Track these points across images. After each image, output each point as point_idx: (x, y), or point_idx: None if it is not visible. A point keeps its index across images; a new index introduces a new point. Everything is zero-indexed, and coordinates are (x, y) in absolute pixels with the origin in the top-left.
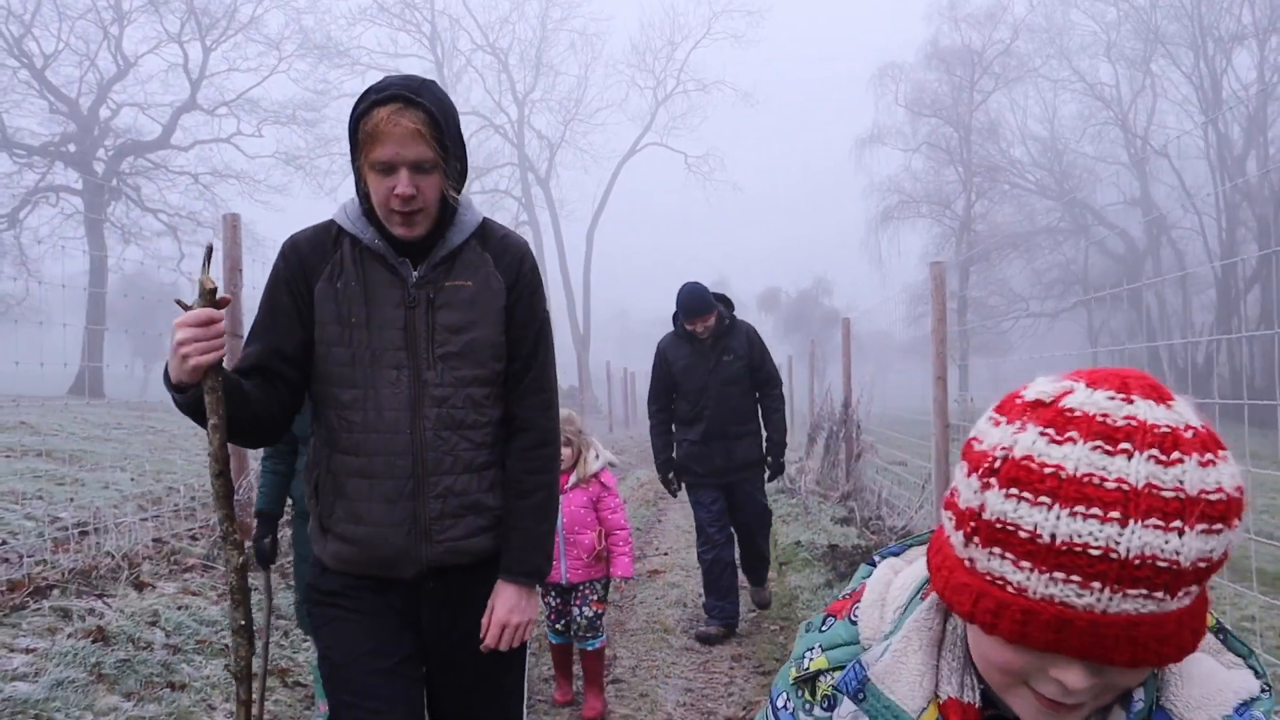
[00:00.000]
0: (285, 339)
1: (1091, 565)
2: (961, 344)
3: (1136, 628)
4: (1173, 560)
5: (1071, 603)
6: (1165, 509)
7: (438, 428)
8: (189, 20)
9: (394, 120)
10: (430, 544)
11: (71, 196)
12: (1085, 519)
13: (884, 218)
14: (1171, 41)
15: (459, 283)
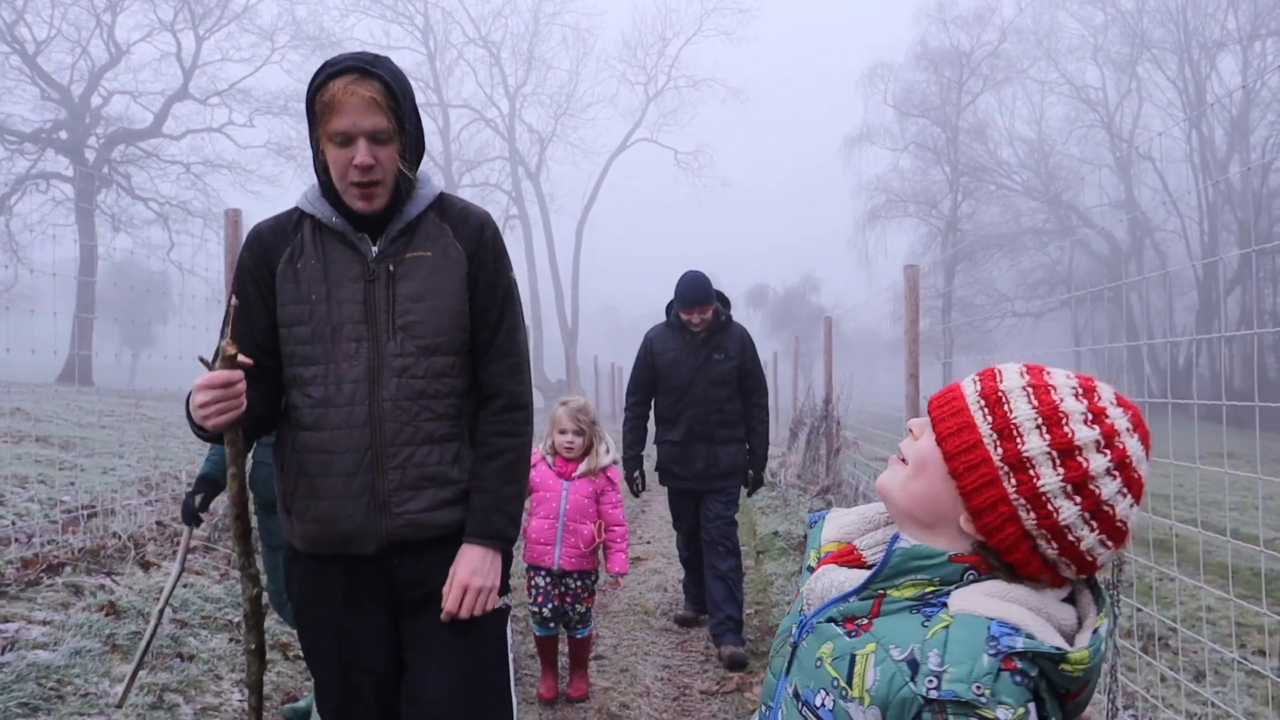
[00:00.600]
0: (256, 327)
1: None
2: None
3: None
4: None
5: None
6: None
7: (397, 398)
8: (182, 9)
9: (350, 90)
10: (389, 517)
11: (62, 184)
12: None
13: (871, 216)
14: (1157, 46)
15: (419, 254)
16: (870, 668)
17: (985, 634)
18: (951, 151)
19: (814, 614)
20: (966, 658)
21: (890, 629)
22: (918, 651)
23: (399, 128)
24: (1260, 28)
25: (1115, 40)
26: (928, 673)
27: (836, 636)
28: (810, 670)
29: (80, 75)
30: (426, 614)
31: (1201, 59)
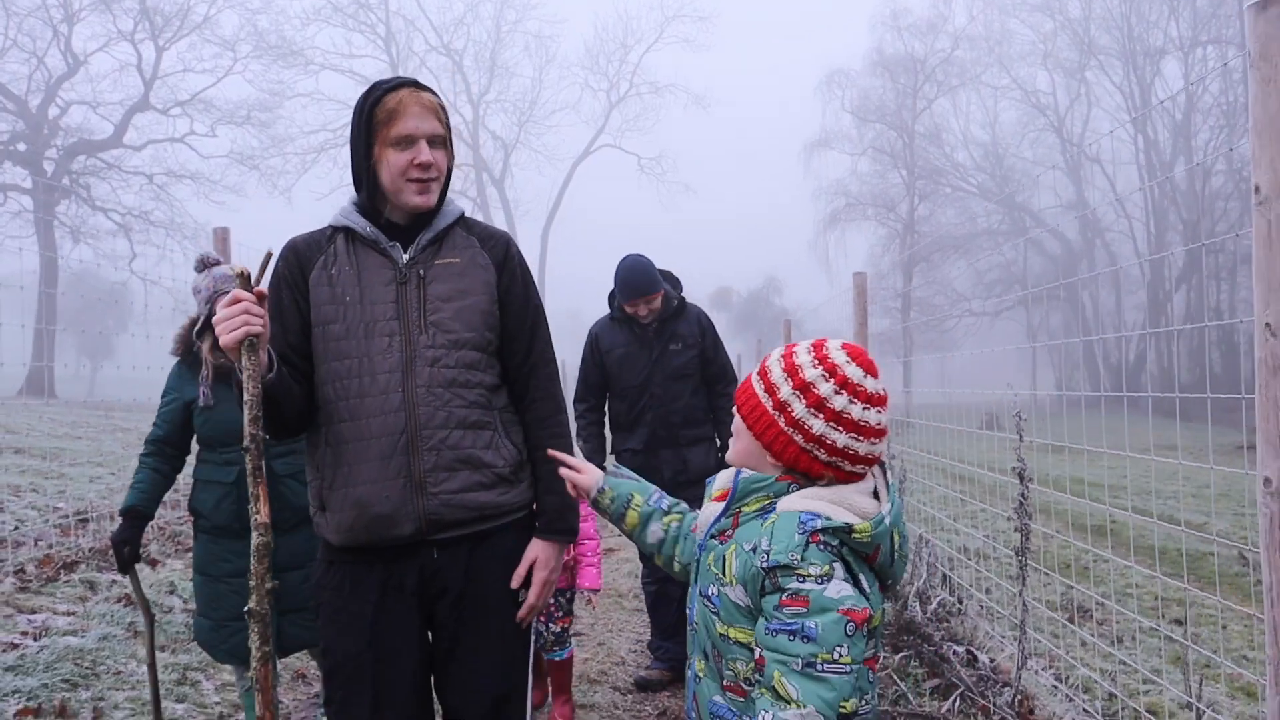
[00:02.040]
0: (289, 329)
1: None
2: (905, 341)
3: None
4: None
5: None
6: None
7: (430, 385)
8: (142, 20)
9: (413, 97)
10: (425, 496)
11: (20, 195)
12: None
13: (831, 219)
14: (1104, 52)
15: (448, 260)
16: (733, 559)
17: (796, 520)
18: (908, 155)
19: (703, 536)
20: (784, 537)
21: (744, 532)
22: (759, 541)
23: (447, 136)
24: (1201, 34)
25: (1064, 46)
26: (761, 551)
27: (715, 547)
28: (705, 573)
29: (37, 86)
30: (460, 612)
31: (1146, 65)
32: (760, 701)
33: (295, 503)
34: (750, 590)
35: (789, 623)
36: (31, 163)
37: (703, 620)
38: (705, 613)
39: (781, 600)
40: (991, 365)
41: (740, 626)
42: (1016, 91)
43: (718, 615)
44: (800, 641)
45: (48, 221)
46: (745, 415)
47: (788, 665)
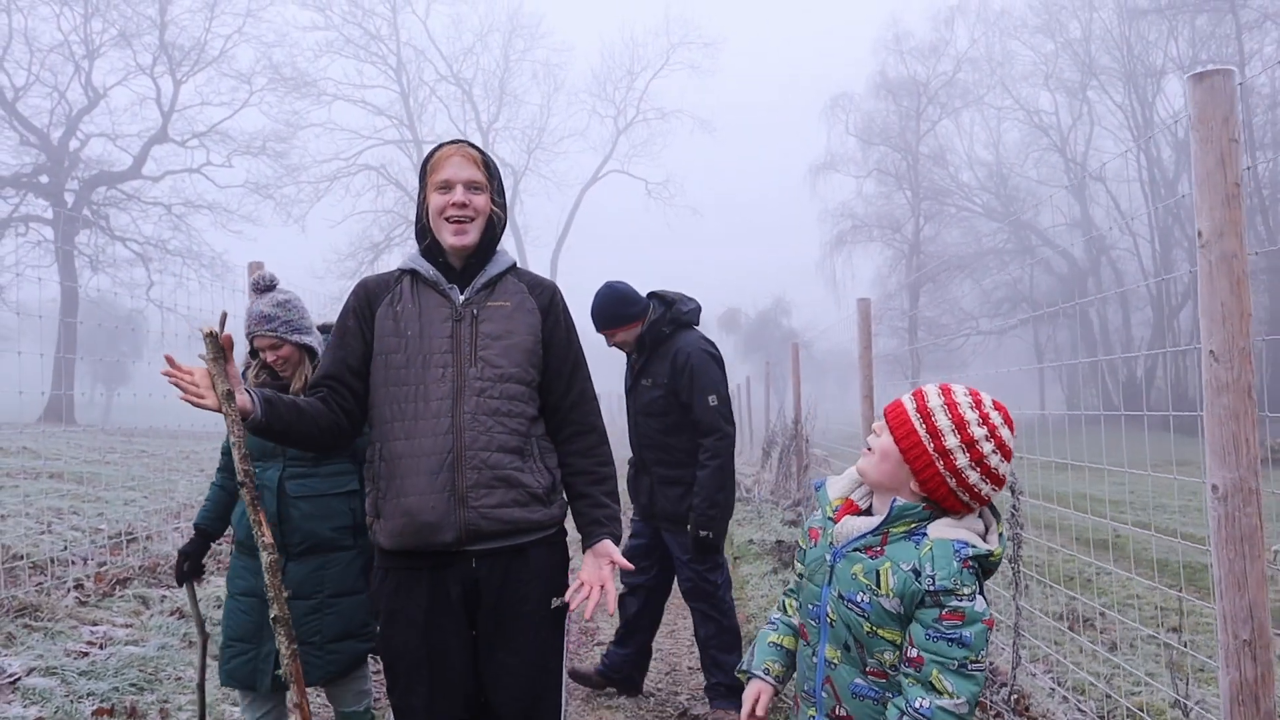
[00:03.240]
0: (351, 353)
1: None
2: (913, 362)
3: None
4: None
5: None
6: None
7: (476, 413)
8: (160, 55)
9: (455, 150)
10: (465, 509)
11: (42, 226)
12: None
13: (838, 242)
14: (1105, 72)
15: (499, 303)
16: (890, 575)
17: (951, 549)
18: (913, 177)
19: (842, 546)
20: (945, 564)
21: (896, 552)
22: (917, 564)
23: (489, 182)
24: (1200, 53)
25: (1066, 67)
26: (927, 575)
27: (862, 559)
28: (848, 581)
29: (59, 120)
30: (503, 627)
31: (1147, 84)
32: (913, 690)
33: (305, 526)
34: (906, 603)
35: (948, 632)
36: (53, 194)
37: (843, 619)
38: (849, 613)
39: (942, 615)
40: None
41: (889, 628)
42: (1019, 112)
43: (866, 618)
44: (957, 647)
45: (68, 252)
46: (903, 448)
47: (945, 665)
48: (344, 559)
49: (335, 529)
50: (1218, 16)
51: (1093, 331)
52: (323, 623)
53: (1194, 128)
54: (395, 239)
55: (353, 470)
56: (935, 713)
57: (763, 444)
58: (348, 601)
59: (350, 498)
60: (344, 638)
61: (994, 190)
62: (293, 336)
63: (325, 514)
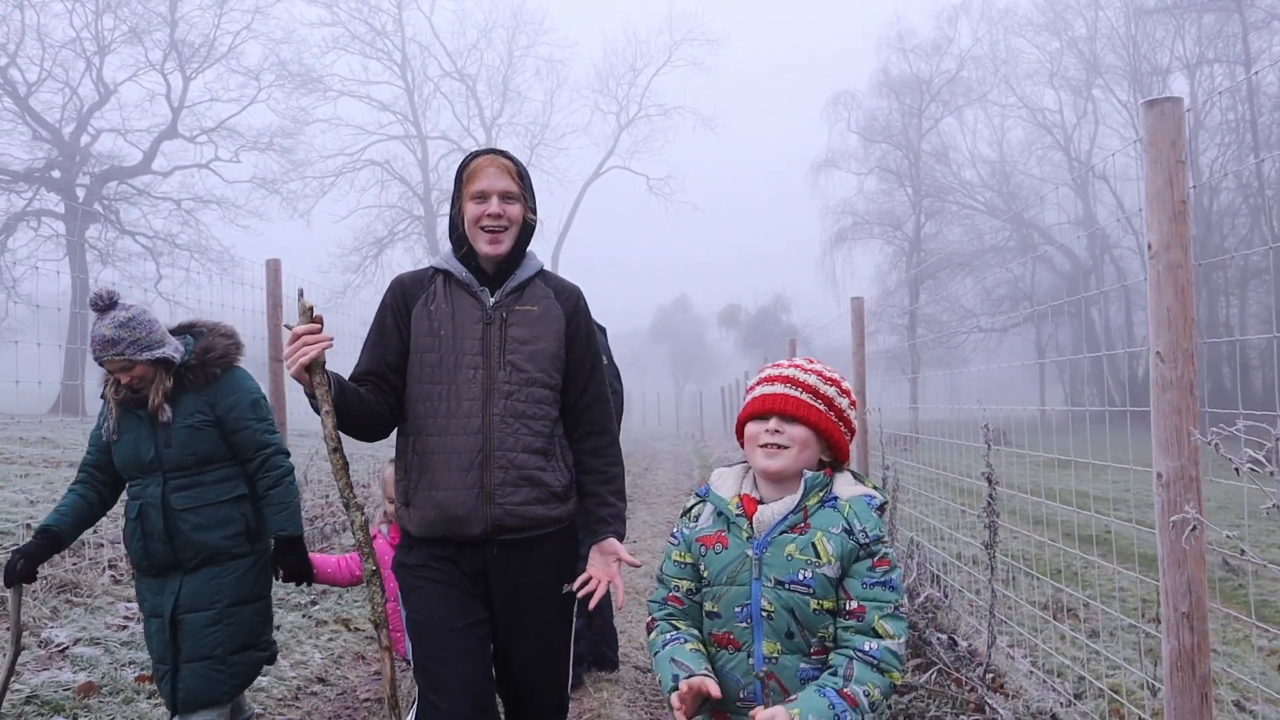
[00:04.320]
0: (389, 350)
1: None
2: (912, 358)
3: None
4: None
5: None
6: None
7: (504, 415)
8: (170, 51)
9: (490, 160)
10: (492, 505)
11: (53, 220)
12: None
13: (838, 238)
14: (1110, 70)
15: (527, 307)
16: (826, 543)
17: (866, 502)
18: (914, 174)
19: (767, 533)
20: (868, 517)
21: (821, 520)
22: (845, 524)
23: (523, 192)
24: (1207, 52)
25: (1071, 65)
26: (859, 530)
27: (792, 539)
28: (783, 564)
29: (70, 115)
30: (517, 604)
31: (1153, 82)
32: (856, 639)
33: (194, 538)
34: (845, 563)
35: (881, 578)
36: (64, 189)
37: (784, 604)
38: (790, 596)
39: (874, 562)
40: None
41: (831, 598)
42: (1023, 110)
43: (811, 594)
44: (889, 591)
45: (79, 245)
46: (819, 426)
47: (883, 610)
48: (241, 566)
49: (228, 537)
50: (1224, 15)
51: (1094, 330)
52: (223, 634)
53: (1145, 149)
54: (399, 234)
55: (239, 475)
56: (883, 654)
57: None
58: (248, 610)
59: (240, 503)
60: (244, 649)
61: (997, 188)
62: (142, 355)
63: (216, 523)
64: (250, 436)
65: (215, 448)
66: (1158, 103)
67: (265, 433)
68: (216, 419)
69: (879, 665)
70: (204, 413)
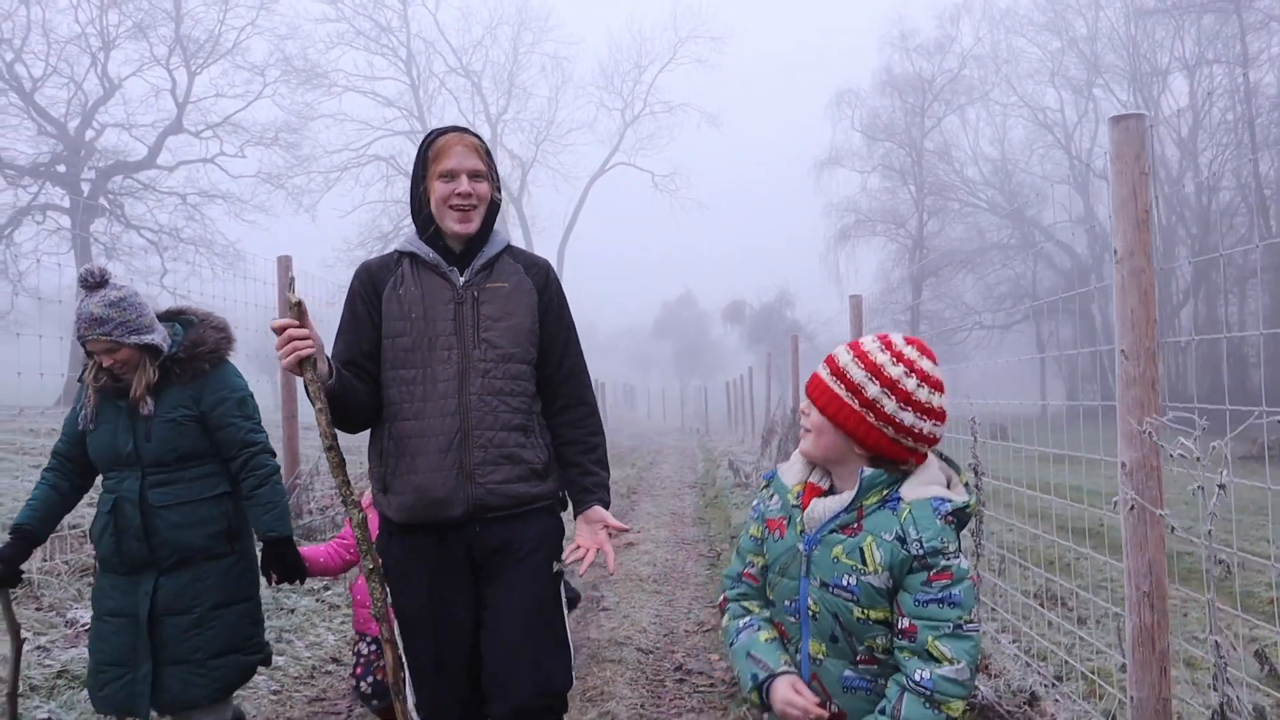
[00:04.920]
0: (363, 338)
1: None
2: None
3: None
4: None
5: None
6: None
7: (481, 393)
8: (175, 46)
9: (457, 139)
10: (473, 485)
11: (58, 215)
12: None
13: (841, 236)
14: (1110, 70)
15: (498, 284)
16: (875, 550)
17: (930, 507)
18: (917, 172)
19: (816, 531)
20: (929, 524)
21: (875, 524)
22: (900, 530)
23: (490, 170)
24: (1206, 52)
25: (1072, 64)
26: (913, 539)
27: (841, 540)
28: (829, 566)
29: (75, 110)
30: (502, 578)
31: (1153, 82)
32: (910, 663)
33: (172, 537)
34: (896, 574)
35: (938, 594)
36: (70, 183)
37: (828, 608)
38: (835, 600)
39: (930, 576)
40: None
41: (880, 608)
42: (1024, 109)
43: (855, 601)
44: (949, 608)
45: (84, 240)
46: (830, 414)
47: (939, 630)
48: (222, 567)
49: (209, 536)
50: (1223, 16)
51: (1094, 327)
52: (203, 638)
53: (1111, 162)
54: (404, 229)
55: (221, 472)
56: (937, 682)
57: (762, 432)
58: (232, 613)
59: (221, 501)
60: (228, 652)
61: (999, 186)
62: (130, 339)
63: (196, 521)
64: (235, 434)
65: (197, 444)
66: (1123, 119)
67: (251, 431)
68: (200, 414)
69: (932, 697)
70: (188, 407)
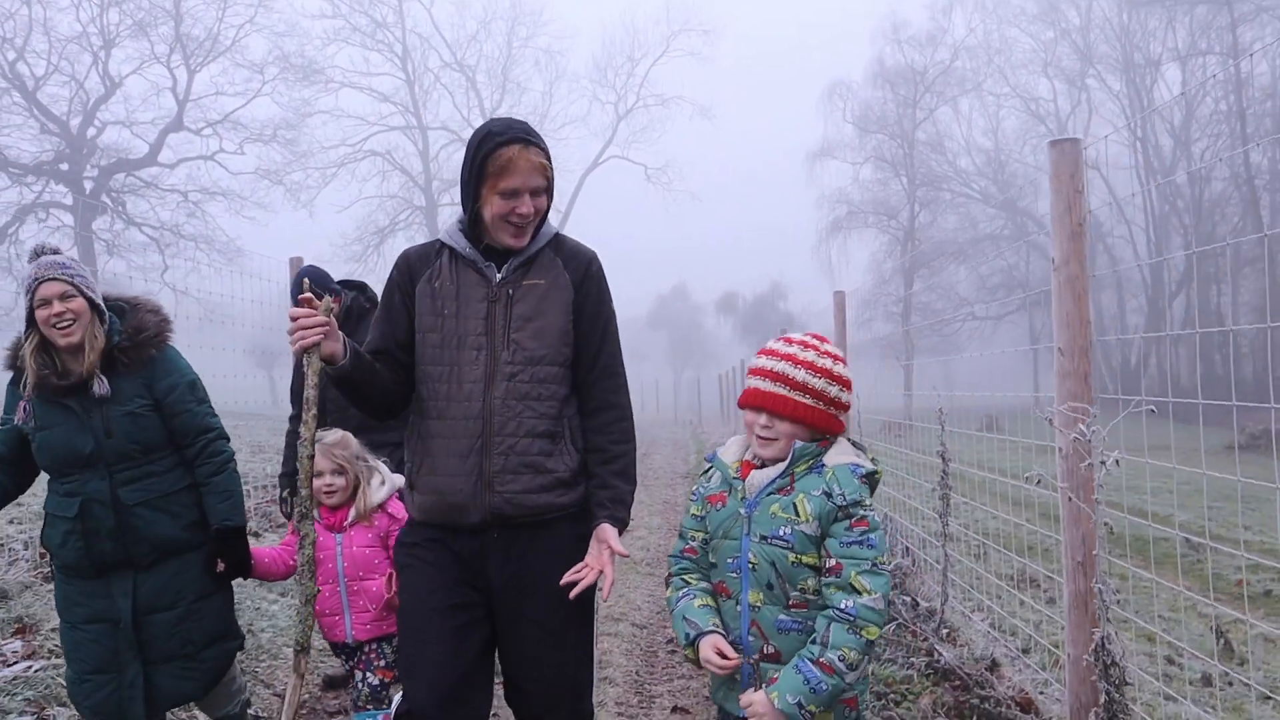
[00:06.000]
0: (398, 328)
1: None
2: (906, 346)
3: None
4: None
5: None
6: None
7: (506, 397)
8: (175, 45)
9: (524, 156)
10: (491, 493)
11: (61, 212)
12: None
13: (834, 227)
14: (1103, 61)
15: (533, 281)
16: (806, 503)
17: (849, 470)
18: (909, 164)
19: (756, 495)
20: (848, 483)
21: (806, 484)
22: (826, 487)
23: (550, 183)
24: (1199, 43)
25: (1065, 55)
26: (837, 494)
27: (777, 499)
28: (768, 521)
29: (77, 108)
30: (519, 591)
31: (1146, 73)
32: (836, 595)
33: (150, 533)
34: (823, 523)
35: (859, 537)
36: (72, 181)
37: (766, 558)
38: (772, 550)
39: (852, 523)
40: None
41: (810, 554)
42: (1017, 99)
43: (790, 548)
44: (867, 549)
45: (87, 237)
46: (789, 415)
47: (860, 566)
48: (200, 557)
49: (185, 528)
50: (1216, 7)
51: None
52: (192, 630)
53: (1050, 180)
54: (400, 223)
55: (185, 463)
56: (859, 610)
57: None
58: (214, 602)
59: (193, 490)
60: (215, 641)
61: (991, 176)
62: (85, 289)
63: (172, 513)
64: (191, 420)
65: (158, 435)
66: (1059, 143)
67: (206, 416)
68: (155, 402)
69: (855, 623)
70: (143, 397)
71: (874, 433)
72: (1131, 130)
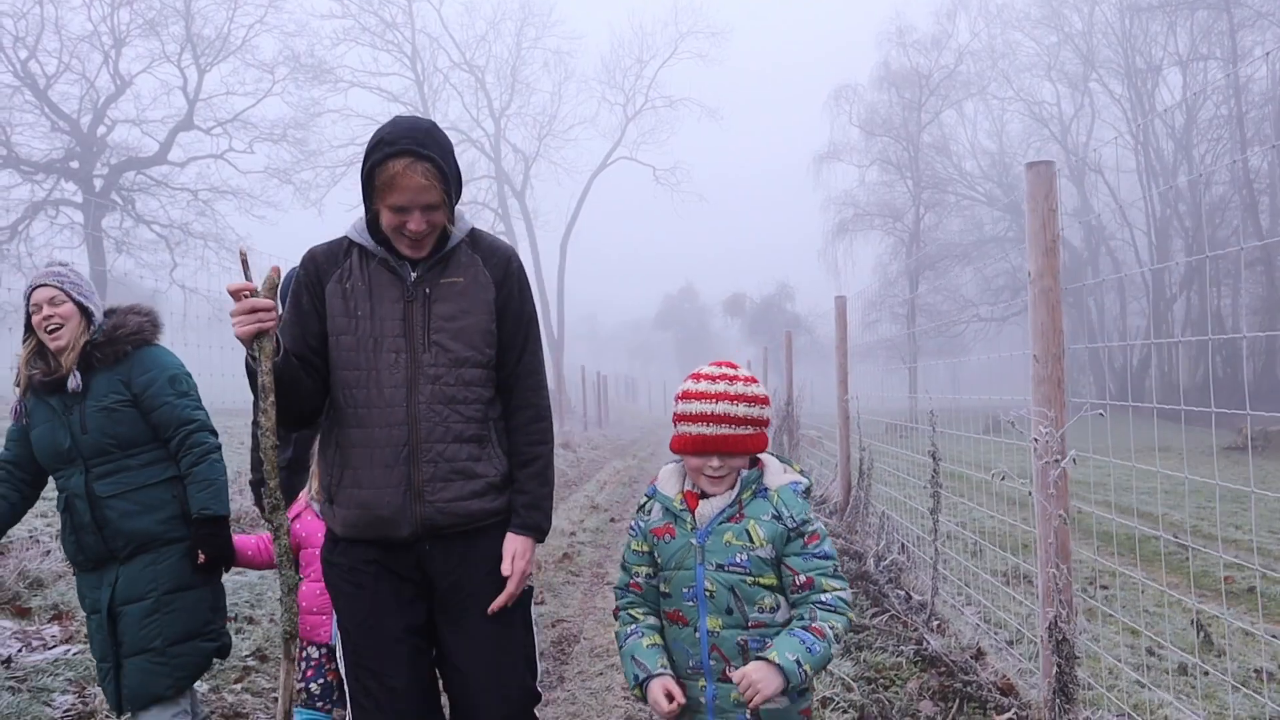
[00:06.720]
0: (309, 331)
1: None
2: (910, 347)
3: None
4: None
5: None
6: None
7: (431, 402)
8: (185, 45)
9: (407, 174)
10: (422, 503)
11: (71, 210)
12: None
13: (840, 229)
14: (1105, 65)
15: (452, 279)
16: (758, 529)
17: (791, 490)
18: (914, 167)
19: (708, 524)
20: (794, 503)
21: (754, 510)
22: (775, 511)
23: (446, 195)
24: (1200, 47)
25: (1068, 59)
26: (787, 516)
27: (729, 527)
28: (722, 550)
29: (88, 107)
30: (457, 598)
31: (1148, 76)
32: (814, 596)
33: (125, 526)
34: (777, 545)
35: (815, 550)
36: (82, 179)
37: (724, 584)
38: (729, 576)
39: (806, 540)
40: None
41: (767, 575)
42: (1021, 103)
43: (747, 572)
44: (825, 560)
45: (97, 235)
46: (733, 449)
47: (825, 571)
48: (179, 551)
49: (162, 521)
50: (1216, 12)
51: (1090, 319)
52: (162, 624)
53: (1026, 200)
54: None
55: (168, 457)
56: (835, 600)
57: None
58: (189, 597)
59: (172, 484)
60: (188, 638)
61: (996, 179)
62: (75, 295)
63: (148, 507)
64: (170, 413)
65: (135, 430)
66: (1034, 165)
67: (187, 409)
68: (133, 397)
69: (835, 609)
70: (118, 392)
71: (877, 435)
72: (1134, 134)
